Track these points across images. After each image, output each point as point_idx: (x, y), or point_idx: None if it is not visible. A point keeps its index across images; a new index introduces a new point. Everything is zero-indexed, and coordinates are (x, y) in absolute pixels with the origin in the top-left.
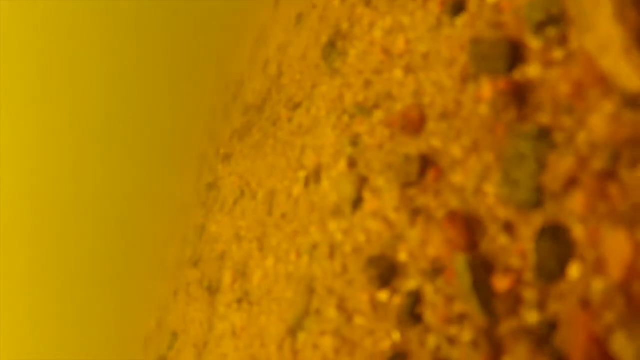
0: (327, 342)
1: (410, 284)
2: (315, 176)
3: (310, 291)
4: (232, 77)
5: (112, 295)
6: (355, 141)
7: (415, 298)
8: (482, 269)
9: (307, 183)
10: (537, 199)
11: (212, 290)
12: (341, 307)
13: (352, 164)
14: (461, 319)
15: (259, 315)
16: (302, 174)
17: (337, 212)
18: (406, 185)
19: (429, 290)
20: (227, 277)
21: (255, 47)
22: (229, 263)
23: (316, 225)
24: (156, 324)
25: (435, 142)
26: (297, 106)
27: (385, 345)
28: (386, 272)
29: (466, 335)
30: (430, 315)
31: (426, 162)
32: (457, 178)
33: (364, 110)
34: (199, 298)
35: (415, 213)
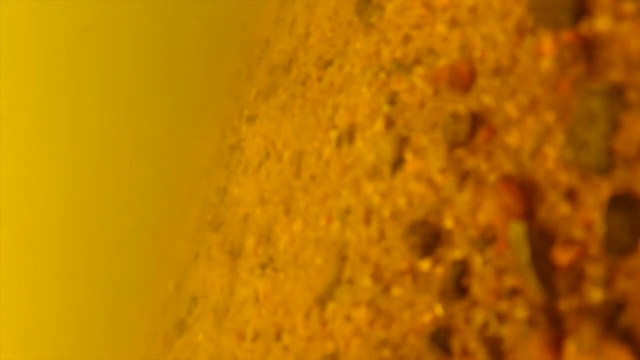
0: (361, 314)
1: (456, 253)
2: (348, 136)
3: (342, 258)
4: (257, 38)
5: (131, 259)
6: (392, 99)
7: (461, 269)
8: (541, 240)
9: (339, 143)
10: (608, 164)
11: (234, 254)
12: (377, 276)
13: (389, 123)
14: (513, 294)
15: (284, 282)
16: (333, 134)
17: (374, 174)
18: (454, 145)
19: (477, 261)
20: (250, 242)
21: (281, 7)
22: (252, 227)
23: (349, 188)
24: (175, 288)
25: (487, 100)
26: (328, 64)
27: (426, 319)
28: (429, 240)
29: (520, 312)
30: (477, 289)
31: (476, 121)
32: (511, 139)
33: (403, 66)
34: (220, 262)
35: (464, 176)
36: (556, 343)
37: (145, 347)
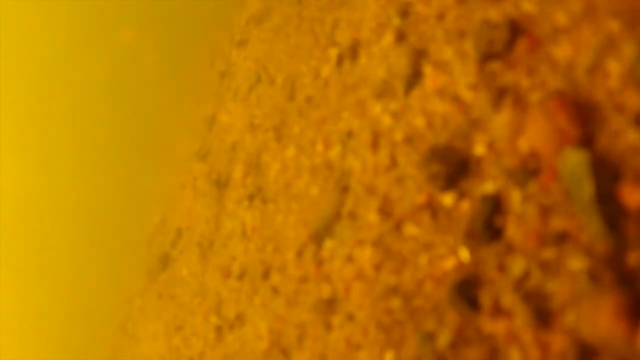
0: (365, 254)
1: (487, 186)
2: (350, 53)
3: (343, 189)
4: None
5: (117, 191)
6: (404, 11)
7: (494, 205)
8: (604, 175)
9: (339, 62)
10: None
11: (221, 184)
12: (386, 210)
13: (400, 37)
14: (562, 239)
15: (274, 215)
16: (333, 52)
17: (383, 92)
18: (487, 57)
19: (514, 197)
20: (238, 171)
21: None
22: (240, 155)
23: (352, 110)
24: (161, 220)
25: (528, 6)
26: None
27: (448, 265)
28: (453, 169)
29: (574, 263)
30: (514, 231)
31: (515, 30)
32: (561, 52)
33: None
34: (206, 193)
35: (501, 93)
36: (634, 310)
37: (129, 281)
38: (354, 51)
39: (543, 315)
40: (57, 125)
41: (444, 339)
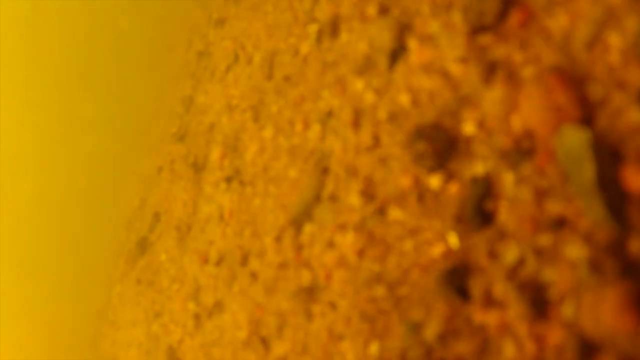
0: (347, 240)
1: (478, 167)
2: (331, 29)
3: (323, 170)
4: None
5: (95, 172)
6: None
7: (484, 188)
8: (606, 156)
9: (319, 38)
10: None
11: (198, 167)
12: (368, 193)
13: (383, 10)
14: (559, 225)
15: (252, 198)
16: (312, 29)
17: (365, 68)
18: (477, 30)
19: (507, 179)
20: (216, 153)
21: None
22: (218, 137)
23: (332, 88)
24: (140, 204)
25: None
26: None
27: (435, 251)
28: (441, 148)
29: (573, 250)
30: (506, 215)
31: (508, 1)
32: (556, 24)
33: None
34: (184, 176)
35: (492, 68)
36: (639, 302)
37: (109, 267)
38: (334, 27)
39: (539, 306)
40: (33, 108)
41: (431, 330)
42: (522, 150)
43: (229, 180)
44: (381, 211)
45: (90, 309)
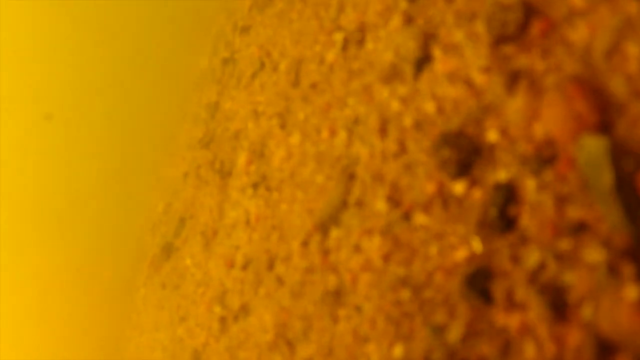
0: (373, 244)
1: (500, 174)
2: (356, 37)
3: (350, 176)
4: None
5: (120, 179)
6: None
7: (507, 194)
8: (623, 163)
9: (345, 46)
10: None
11: (224, 173)
12: (394, 199)
13: (408, 20)
14: (579, 230)
15: (279, 203)
16: (338, 37)
17: (391, 76)
18: (500, 40)
19: (529, 185)
20: (242, 159)
21: None
22: (244, 143)
23: (358, 96)
24: (164, 210)
25: None
26: None
27: (459, 255)
28: (465, 156)
29: (592, 254)
30: (528, 221)
31: (530, 11)
32: (576, 34)
33: None
34: (210, 182)
35: (514, 77)
36: None
37: (133, 271)
38: (360, 35)
39: (559, 309)
40: (59, 114)
41: (455, 333)
42: (543, 157)
43: (255, 186)
44: (407, 216)
45: (114, 313)
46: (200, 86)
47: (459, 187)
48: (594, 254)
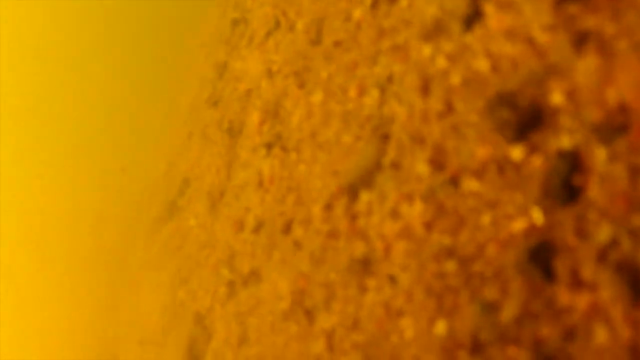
0: (414, 210)
1: (564, 141)
2: None
3: (383, 137)
4: None
5: (122, 136)
6: None
7: (572, 163)
8: None
9: (374, 4)
10: None
11: (234, 132)
12: (438, 162)
13: None
14: None
15: (297, 164)
16: None
17: (434, 33)
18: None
19: (598, 155)
20: (254, 118)
21: None
22: (256, 102)
23: (390, 54)
24: (167, 169)
25: None
26: None
27: (517, 227)
28: (525, 118)
29: None
30: (597, 192)
31: None
32: None
33: None
34: (217, 142)
35: (582, 38)
36: None
37: (134, 231)
38: None
39: (635, 290)
40: (64, 71)
41: (508, 311)
42: (615, 125)
43: (269, 146)
44: (454, 182)
45: (112, 272)
46: (207, 47)
47: (516, 153)
48: None
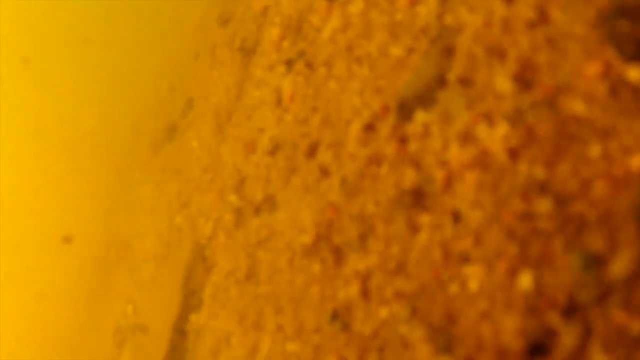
0: (495, 133)
1: None
2: None
3: (445, 50)
4: None
5: (123, 54)
6: None
7: None
8: None
9: None
10: None
11: (247, 50)
12: (524, 79)
13: None
14: None
15: (326, 81)
16: None
17: None
18: None
19: None
20: (272, 34)
21: None
22: (275, 19)
23: None
24: (169, 90)
25: None
26: None
27: (635, 162)
28: None
29: None
30: None
31: None
32: None
33: None
34: (227, 60)
35: None
36: None
37: (131, 152)
38: None
39: None
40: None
41: (617, 267)
42: None
43: (289, 62)
44: (549, 103)
45: (106, 195)
46: None
47: (635, 73)
48: None
